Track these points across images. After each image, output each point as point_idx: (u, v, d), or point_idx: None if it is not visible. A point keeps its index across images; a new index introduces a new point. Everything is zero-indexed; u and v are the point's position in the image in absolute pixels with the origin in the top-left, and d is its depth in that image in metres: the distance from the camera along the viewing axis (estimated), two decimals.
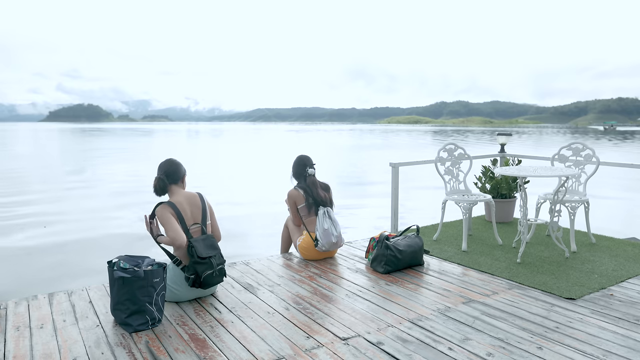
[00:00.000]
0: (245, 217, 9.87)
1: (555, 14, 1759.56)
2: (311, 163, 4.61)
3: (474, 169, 5.74)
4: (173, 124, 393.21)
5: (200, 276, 3.37)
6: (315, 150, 32.44)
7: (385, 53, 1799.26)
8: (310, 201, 4.50)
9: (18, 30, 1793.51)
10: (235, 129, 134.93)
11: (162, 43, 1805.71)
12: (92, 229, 8.95)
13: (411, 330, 2.99)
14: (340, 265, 4.37)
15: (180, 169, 3.62)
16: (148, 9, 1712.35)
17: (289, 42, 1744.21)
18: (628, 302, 3.43)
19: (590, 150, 5.01)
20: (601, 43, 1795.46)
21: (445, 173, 5.32)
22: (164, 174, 3.54)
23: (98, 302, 3.47)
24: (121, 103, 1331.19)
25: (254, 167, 21.46)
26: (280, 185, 13.64)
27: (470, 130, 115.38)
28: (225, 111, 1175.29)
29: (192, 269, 3.36)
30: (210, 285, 3.46)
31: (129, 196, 12.77)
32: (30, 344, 2.83)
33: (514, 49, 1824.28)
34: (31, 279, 6.10)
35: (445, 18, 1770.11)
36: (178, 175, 3.58)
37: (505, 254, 4.63)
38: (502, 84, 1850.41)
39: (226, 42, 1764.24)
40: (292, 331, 2.99)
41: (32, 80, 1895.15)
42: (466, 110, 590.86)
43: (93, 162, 24.50)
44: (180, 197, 3.51)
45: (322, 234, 4.39)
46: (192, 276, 3.36)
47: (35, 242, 7.95)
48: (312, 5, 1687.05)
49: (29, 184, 15.51)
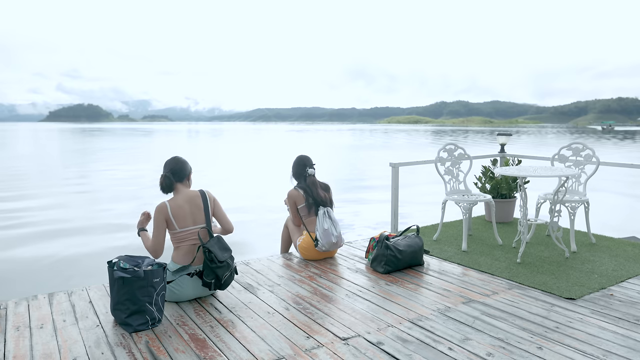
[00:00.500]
0: (245, 217, 9.87)
1: (555, 14, 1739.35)
2: (311, 163, 4.61)
3: (474, 169, 5.74)
4: (173, 124, 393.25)
5: (221, 279, 3.41)
6: (315, 150, 32.45)
7: (385, 53, 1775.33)
8: (310, 201, 4.49)
9: (18, 30, 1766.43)
10: (235, 129, 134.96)
11: (162, 43, 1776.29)
12: (93, 229, 8.95)
13: (411, 330, 2.99)
14: (340, 265, 4.37)
15: (186, 167, 3.62)
16: (148, 9, 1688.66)
17: (289, 42, 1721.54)
18: (628, 302, 3.43)
19: (590, 151, 5.01)
20: (601, 43, 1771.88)
21: (445, 173, 5.32)
22: (170, 171, 3.54)
23: (98, 302, 3.47)
24: (121, 103, 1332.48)
25: (253, 167, 21.46)
26: (279, 185, 13.65)
27: (469, 130, 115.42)
28: (225, 111, 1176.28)
29: (213, 274, 3.37)
30: (228, 285, 3.52)
31: (129, 196, 12.77)
32: (30, 344, 2.83)
33: (514, 49, 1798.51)
34: (31, 278, 6.10)
35: (445, 18, 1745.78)
36: (184, 173, 3.59)
37: (505, 254, 4.63)
38: (502, 83, 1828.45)
39: (226, 42, 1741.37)
40: (292, 331, 2.99)
41: (32, 80, 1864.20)
42: (466, 110, 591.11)
43: (93, 162, 24.51)
44: (180, 198, 3.50)
45: (322, 234, 4.39)
46: (212, 280, 3.39)
47: (35, 242, 7.95)
48: (312, 5, 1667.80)
49: (29, 183, 15.51)
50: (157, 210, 3.44)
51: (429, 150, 32.62)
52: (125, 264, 3.08)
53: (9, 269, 6.51)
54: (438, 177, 5.32)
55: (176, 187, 3.56)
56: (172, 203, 3.46)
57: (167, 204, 3.44)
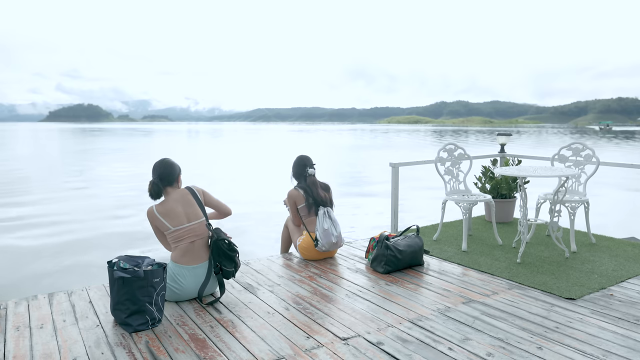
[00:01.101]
0: (245, 218, 9.87)
1: (555, 14, 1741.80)
2: (311, 163, 4.61)
3: (474, 169, 5.74)
4: (173, 124, 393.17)
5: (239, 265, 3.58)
6: (315, 150, 32.45)
7: (385, 53, 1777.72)
8: (310, 201, 4.49)
9: (18, 30, 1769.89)
10: (236, 129, 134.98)
11: (162, 43, 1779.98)
12: (93, 229, 8.95)
13: (411, 330, 2.99)
14: (340, 265, 4.37)
15: (175, 169, 3.58)
16: (148, 9, 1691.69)
17: (289, 42, 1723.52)
18: (628, 302, 3.44)
19: (590, 151, 5.01)
20: (601, 43, 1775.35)
21: (445, 173, 5.32)
22: (158, 177, 3.51)
23: (98, 302, 3.47)
24: (121, 103, 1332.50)
25: (253, 168, 21.45)
26: (280, 185, 13.64)
27: (469, 130, 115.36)
28: (225, 111, 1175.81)
29: (233, 262, 3.53)
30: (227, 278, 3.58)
31: (130, 196, 12.77)
32: (30, 344, 2.83)
33: (514, 49, 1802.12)
34: (31, 278, 6.10)
35: (445, 18, 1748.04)
36: (173, 176, 3.56)
37: (505, 254, 4.63)
38: (502, 83, 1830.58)
39: (226, 42, 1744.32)
40: (292, 331, 2.99)
41: (32, 80, 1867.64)
42: (466, 110, 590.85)
43: (94, 162, 24.51)
44: (170, 200, 3.50)
45: (322, 234, 4.38)
46: (232, 269, 3.54)
47: (36, 242, 7.95)
48: (313, 5, 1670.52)
49: (30, 183, 15.51)
50: (147, 216, 3.51)
51: (429, 151, 32.62)
52: (125, 264, 3.07)
53: (10, 269, 6.50)
54: (438, 177, 5.32)
55: (166, 191, 3.55)
56: (159, 207, 3.47)
57: (153, 209, 3.47)
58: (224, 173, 18.78)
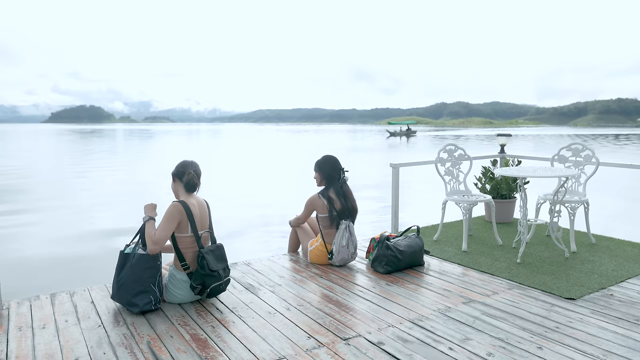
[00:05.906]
0: (245, 218, 9.88)
1: (556, 14, 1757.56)
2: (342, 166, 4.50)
3: (474, 169, 5.75)
4: (174, 125, 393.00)
5: (207, 287, 3.36)
6: (316, 150, 32.43)
7: (386, 54, 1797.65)
8: (334, 214, 4.28)
9: (20, 32, 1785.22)
10: (237, 129, 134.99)
11: (163, 45, 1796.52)
12: (93, 229, 8.96)
13: (412, 330, 3.00)
14: (340, 266, 4.37)
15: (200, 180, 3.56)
16: (149, 10, 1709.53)
17: (290, 43, 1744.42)
18: (628, 302, 3.44)
19: (590, 151, 5.02)
20: (602, 43, 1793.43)
21: (446, 174, 5.33)
22: (194, 172, 3.48)
23: (100, 302, 3.48)
24: (123, 104, 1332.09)
25: (254, 167, 21.45)
26: (280, 185, 13.66)
27: (468, 130, 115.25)
28: (226, 112, 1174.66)
29: (201, 280, 3.33)
30: (215, 295, 3.47)
31: (131, 196, 12.78)
32: (32, 344, 2.85)
33: (514, 50, 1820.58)
34: (33, 279, 6.12)
35: (446, 19, 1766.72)
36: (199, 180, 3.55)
37: (505, 254, 4.64)
38: (503, 84, 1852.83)
39: (227, 43, 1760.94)
40: (293, 331, 3.00)
41: (34, 82, 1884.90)
42: (466, 111, 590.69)
43: (96, 162, 24.52)
44: (194, 201, 3.46)
45: (339, 249, 4.24)
46: (199, 286, 3.35)
47: (36, 243, 7.97)
48: (314, 6, 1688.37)
49: (31, 184, 15.53)
50: (174, 206, 3.32)
51: (429, 151, 32.62)
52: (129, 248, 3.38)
53: (11, 269, 6.52)
54: (438, 178, 5.33)
55: (191, 194, 3.51)
56: (190, 204, 3.39)
57: (187, 204, 3.35)
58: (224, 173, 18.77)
